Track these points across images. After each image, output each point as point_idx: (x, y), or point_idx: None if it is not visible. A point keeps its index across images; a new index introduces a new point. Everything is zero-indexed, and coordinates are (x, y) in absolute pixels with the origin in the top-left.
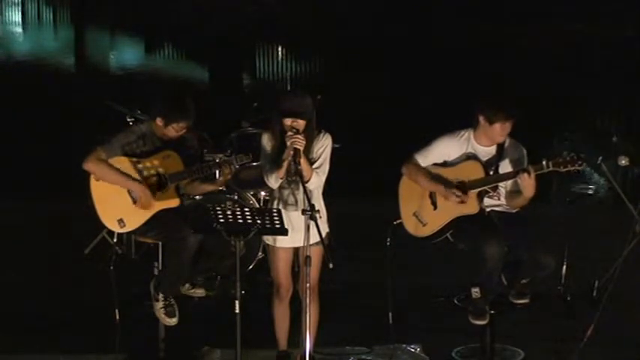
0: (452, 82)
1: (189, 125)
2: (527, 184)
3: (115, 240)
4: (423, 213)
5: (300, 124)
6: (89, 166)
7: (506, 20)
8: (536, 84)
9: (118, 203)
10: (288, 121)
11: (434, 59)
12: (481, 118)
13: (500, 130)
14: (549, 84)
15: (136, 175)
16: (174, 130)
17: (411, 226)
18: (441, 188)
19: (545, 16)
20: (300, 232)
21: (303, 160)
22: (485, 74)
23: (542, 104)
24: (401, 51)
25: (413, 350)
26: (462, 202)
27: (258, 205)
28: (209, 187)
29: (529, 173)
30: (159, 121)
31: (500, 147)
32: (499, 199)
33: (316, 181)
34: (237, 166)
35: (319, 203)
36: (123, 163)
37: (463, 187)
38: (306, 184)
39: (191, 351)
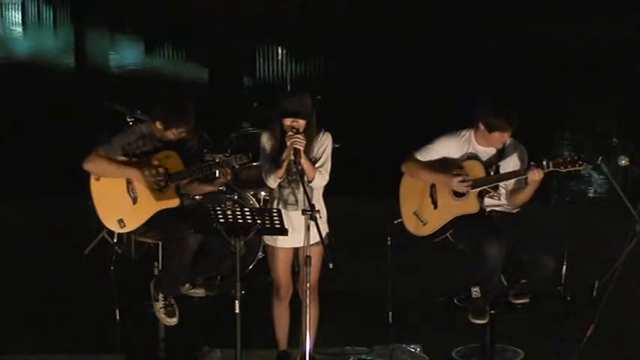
0: (453, 81)
1: (188, 129)
2: (538, 179)
3: (115, 240)
4: (423, 212)
5: (300, 123)
6: (89, 165)
7: (505, 20)
8: (535, 84)
9: (118, 203)
10: (287, 121)
11: (434, 59)
12: (481, 125)
13: (499, 138)
14: (549, 84)
15: None
16: (172, 135)
17: (411, 225)
18: (443, 177)
19: (545, 16)
20: (300, 232)
21: (304, 160)
22: (486, 74)
23: (541, 105)
24: (401, 51)
25: (413, 350)
26: (465, 181)
27: (258, 205)
28: (208, 188)
29: (543, 168)
30: (158, 125)
31: (501, 146)
32: (499, 199)
33: (320, 180)
34: (237, 166)
35: (319, 203)
36: None
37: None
38: (311, 184)
39: (191, 351)
